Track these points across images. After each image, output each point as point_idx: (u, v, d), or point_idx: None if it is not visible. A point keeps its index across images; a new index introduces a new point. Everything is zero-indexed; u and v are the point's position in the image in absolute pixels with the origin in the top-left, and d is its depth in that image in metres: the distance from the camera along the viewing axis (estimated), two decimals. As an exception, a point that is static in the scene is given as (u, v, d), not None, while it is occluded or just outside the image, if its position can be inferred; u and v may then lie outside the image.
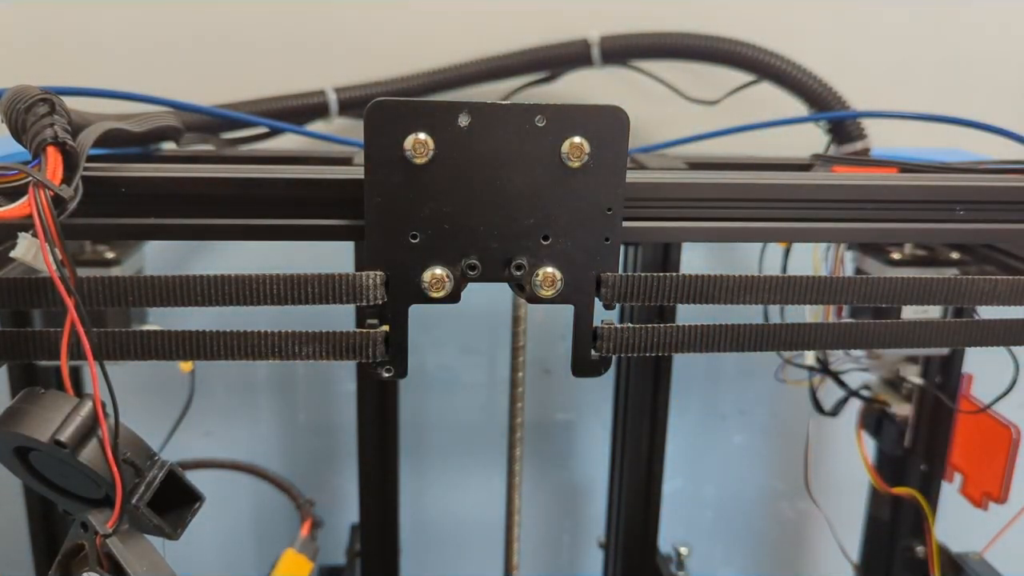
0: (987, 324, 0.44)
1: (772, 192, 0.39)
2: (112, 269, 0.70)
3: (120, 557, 0.39)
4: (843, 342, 0.42)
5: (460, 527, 1.10)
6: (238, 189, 0.38)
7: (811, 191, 0.40)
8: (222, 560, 1.07)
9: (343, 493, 1.03)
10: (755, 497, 1.14)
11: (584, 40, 0.84)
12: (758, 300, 0.39)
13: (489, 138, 0.34)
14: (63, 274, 0.34)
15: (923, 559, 0.87)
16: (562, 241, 0.36)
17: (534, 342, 0.73)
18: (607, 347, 0.38)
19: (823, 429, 1.02)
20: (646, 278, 0.38)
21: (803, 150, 0.81)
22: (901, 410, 0.86)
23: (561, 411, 1.08)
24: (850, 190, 0.40)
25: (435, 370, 1.04)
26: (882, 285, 0.41)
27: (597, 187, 0.35)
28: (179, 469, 0.40)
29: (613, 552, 0.90)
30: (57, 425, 0.37)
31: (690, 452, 1.11)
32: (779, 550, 1.17)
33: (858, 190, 0.40)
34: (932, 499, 0.86)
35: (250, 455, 0.91)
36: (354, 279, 0.36)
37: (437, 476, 1.08)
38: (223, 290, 0.36)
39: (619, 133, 0.35)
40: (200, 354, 0.37)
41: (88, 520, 0.39)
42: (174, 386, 0.85)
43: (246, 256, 0.93)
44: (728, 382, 1.09)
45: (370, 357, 0.37)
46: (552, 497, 1.11)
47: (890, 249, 0.77)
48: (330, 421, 1.04)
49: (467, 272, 0.36)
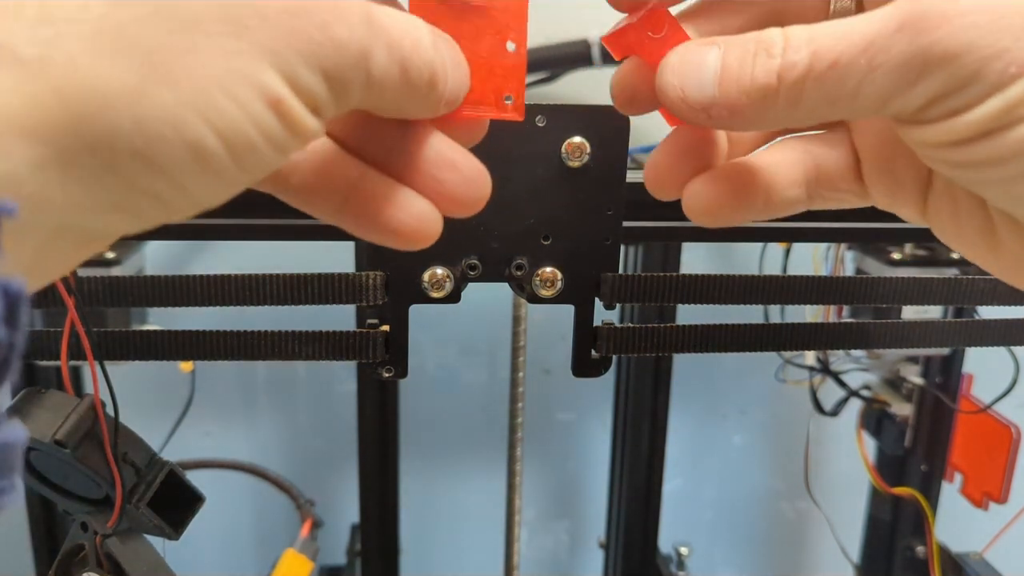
0: (987, 324, 0.44)
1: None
2: (112, 269, 0.70)
3: (120, 557, 0.39)
4: (843, 342, 0.42)
5: (460, 527, 1.10)
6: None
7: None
8: (222, 560, 1.07)
9: (343, 493, 1.03)
10: (755, 497, 1.14)
11: (584, 40, 0.84)
12: (758, 300, 0.39)
13: (489, 138, 0.34)
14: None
15: (923, 559, 0.87)
16: (562, 241, 0.36)
17: (534, 342, 0.73)
18: (607, 347, 0.38)
19: (823, 429, 1.02)
20: (646, 278, 0.38)
21: (803, 150, 0.81)
22: (901, 410, 0.86)
23: (561, 411, 1.08)
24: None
25: (435, 370, 1.04)
26: (882, 285, 0.41)
27: (597, 187, 0.35)
28: (179, 469, 0.40)
29: (613, 552, 0.90)
30: (57, 425, 0.37)
31: (690, 452, 1.11)
32: (779, 550, 1.17)
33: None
34: (932, 499, 0.86)
35: (250, 455, 0.91)
36: (354, 279, 0.36)
37: (437, 476, 1.08)
38: (223, 290, 0.36)
39: (619, 133, 0.35)
40: (200, 354, 0.37)
41: (88, 520, 0.39)
42: (174, 386, 0.85)
43: (246, 256, 0.93)
44: (728, 382, 1.09)
45: (370, 357, 0.37)
46: (552, 497, 1.11)
47: (890, 249, 0.77)
48: (330, 421, 1.04)
49: (467, 272, 0.36)
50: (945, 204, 0.28)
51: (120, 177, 0.19)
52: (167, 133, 0.18)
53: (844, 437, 0.97)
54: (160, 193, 0.20)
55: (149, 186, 0.19)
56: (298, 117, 0.21)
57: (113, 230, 0.21)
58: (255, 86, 0.19)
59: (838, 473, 1.05)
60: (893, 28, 0.22)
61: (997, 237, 0.26)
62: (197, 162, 0.19)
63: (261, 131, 0.20)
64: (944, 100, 0.22)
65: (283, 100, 0.20)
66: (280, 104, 0.20)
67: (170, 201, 0.20)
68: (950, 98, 0.22)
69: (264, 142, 0.20)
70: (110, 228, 0.21)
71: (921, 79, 0.22)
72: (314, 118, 0.21)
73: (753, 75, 0.23)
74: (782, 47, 0.23)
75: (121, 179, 0.19)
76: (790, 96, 0.23)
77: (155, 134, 0.18)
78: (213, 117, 0.19)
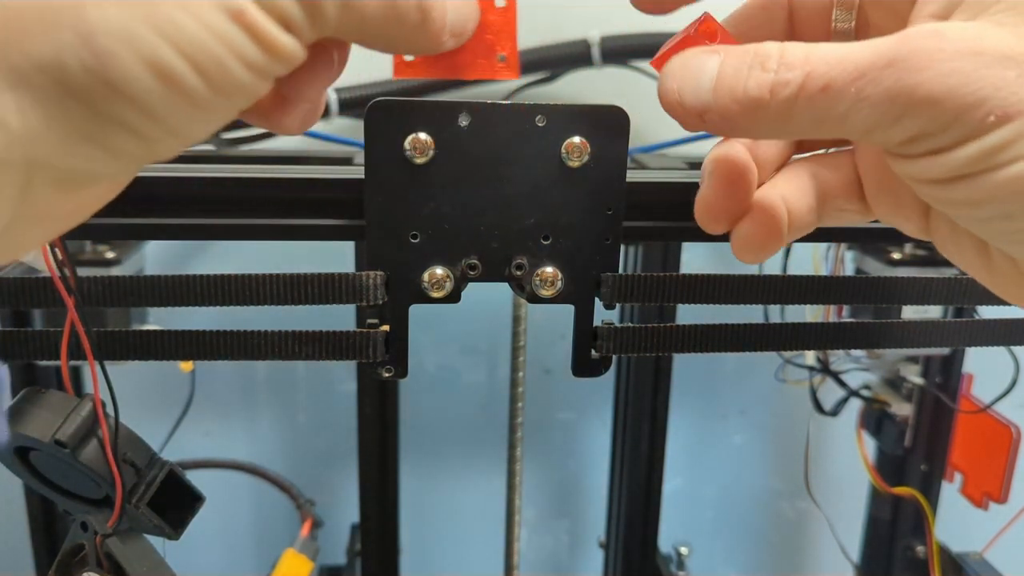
0: (987, 324, 0.44)
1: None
2: (112, 269, 0.71)
3: (120, 557, 0.39)
4: (843, 342, 0.42)
5: (460, 527, 1.10)
6: (238, 189, 0.38)
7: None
8: (222, 560, 1.07)
9: (343, 493, 1.03)
10: (755, 497, 1.14)
11: (584, 40, 0.84)
12: (758, 300, 0.39)
13: (489, 138, 0.34)
14: (63, 274, 0.34)
15: (923, 559, 0.87)
16: (562, 241, 0.36)
17: (534, 342, 0.73)
18: (607, 347, 0.38)
19: (823, 429, 1.02)
20: (646, 278, 0.38)
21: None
22: (901, 410, 0.86)
23: (561, 411, 1.08)
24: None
25: (435, 370, 1.04)
26: (882, 285, 0.41)
27: (597, 187, 0.35)
28: (179, 469, 0.40)
29: (613, 552, 0.90)
30: (57, 425, 0.37)
31: (690, 452, 1.11)
32: (779, 550, 1.17)
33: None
34: (932, 499, 0.86)
35: (250, 455, 0.91)
36: (354, 279, 0.36)
37: (437, 476, 1.08)
38: (223, 290, 0.36)
39: (619, 133, 0.35)
40: (200, 354, 0.37)
41: (88, 520, 0.40)
42: (174, 386, 0.85)
43: (246, 256, 0.93)
44: (728, 382, 1.09)
45: (370, 357, 0.37)
46: (552, 497, 1.11)
47: (890, 249, 0.77)
48: (330, 421, 1.04)
49: (467, 272, 0.36)
50: (943, 223, 0.29)
51: (80, 101, 0.18)
52: (118, 49, 0.18)
53: (844, 437, 0.97)
54: (130, 121, 0.19)
55: (116, 112, 0.19)
56: (269, 33, 0.20)
57: (92, 168, 0.20)
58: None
59: (838, 473, 1.05)
60: (884, 63, 0.22)
61: (991, 258, 0.27)
62: (162, 82, 0.19)
63: (229, 47, 0.19)
64: (924, 139, 0.23)
65: (245, 11, 0.19)
66: (243, 15, 0.19)
67: (145, 132, 0.20)
68: (930, 138, 0.23)
69: (234, 59, 0.19)
70: (87, 166, 0.20)
71: (904, 117, 0.22)
72: (289, 36, 0.21)
73: (746, 86, 0.24)
74: (777, 62, 0.24)
75: (82, 104, 0.18)
76: (780, 111, 0.24)
77: (104, 50, 0.18)
78: (169, 31, 0.18)
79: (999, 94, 0.21)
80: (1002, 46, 0.21)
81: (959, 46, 0.22)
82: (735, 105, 0.24)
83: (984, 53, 0.21)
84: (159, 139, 0.20)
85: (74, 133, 0.19)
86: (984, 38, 0.22)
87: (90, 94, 0.18)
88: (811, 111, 0.23)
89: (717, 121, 0.25)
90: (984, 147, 0.22)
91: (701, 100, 0.25)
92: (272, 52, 0.20)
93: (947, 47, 0.22)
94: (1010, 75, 0.21)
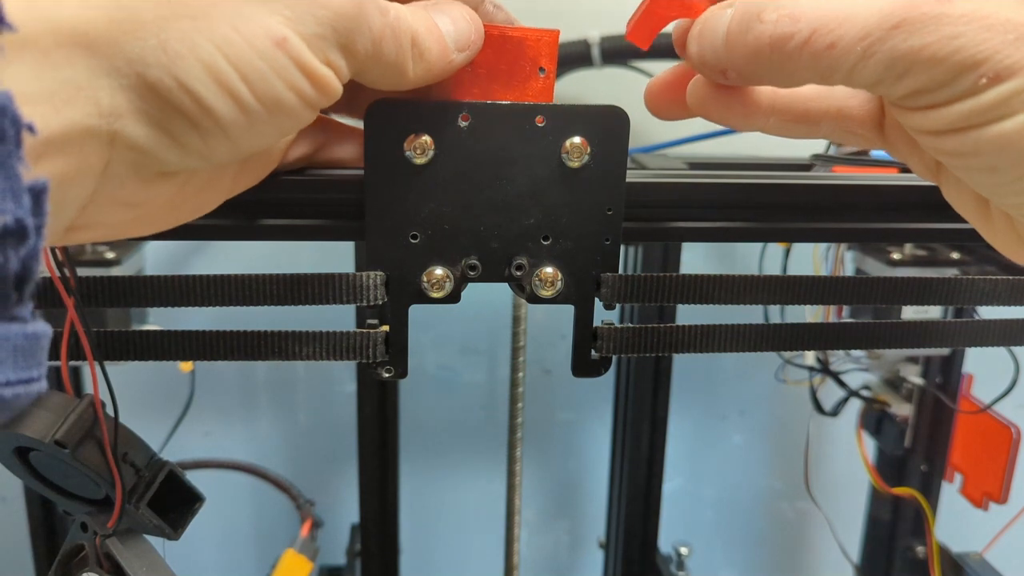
0: (987, 324, 0.44)
1: (772, 192, 0.39)
2: (112, 269, 0.71)
3: (120, 557, 0.39)
4: (843, 342, 0.42)
5: (460, 527, 1.10)
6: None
7: (811, 191, 0.40)
8: (222, 560, 1.07)
9: (343, 493, 1.03)
10: (755, 497, 1.14)
11: (584, 40, 0.84)
12: (758, 300, 0.39)
13: (489, 138, 0.34)
14: (63, 274, 0.34)
15: (923, 559, 0.87)
16: (562, 241, 0.36)
17: (534, 342, 0.73)
18: (607, 347, 0.38)
19: (823, 429, 1.02)
20: (646, 278, 0.37)
21: (803, 150, 0.81)
22: (901, 410, 0.86)
23: (561, 411, 1.08)
24: (850, 190, 0.40)
25: (435, 370, 1.04)
26: (882, 285, 0.41)
27: (597, 187, 0.35)
28: (179, 469, 0.40)
29: (613, 552, 0.90)
30: (57, 425, 0.37)
31: (690, 452, 1.11)
32: (779, 550, 1.17)
33: (858, 190, 0.40)
34: (932, 499, 0.87)
35: (250, 455, 0.92)
36: (354, 279, 0.36)
37: (437, 476, 1.08)
38: (223, 290, 0.36)
39: (619, 133, 0.35)
40: (200, 354, 0.37)
41: (88, 520, 0.39)
42: (174, 386, 0.85)
43: (246, 256, 0.93)
44: (728, 382, 1.09)
45: (370, 357, 0.37)
46: (552, 497, 1.11)
47: (890, 249, 0.77)
48: (330, 421, 1.04)
49: (467, 272, 0.36)
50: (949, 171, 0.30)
51: (154, 91, 0.23)
52: (185, 53, 0.23)
53: (844, 437, 0.97)
54: (191, 112, 0.24)
55: (180, 103, 0.23)
56: (309, 63, 0.25)
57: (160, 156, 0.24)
58: (260, 25, 0.24)
59: (838, 473, 1.05)
60: (891, 24, 0.24)
61: (989, 209, 0.29)
62: (216, 83, 0.23)
63: (271, 65, 0.24)
64: (924, 95, 0.25)
65: (287, 39, 0.24)
66: (285, 43, 0.24)
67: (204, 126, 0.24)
68: (929, 94, 0.25)
69: (275, 76, 0.24)
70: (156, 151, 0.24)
71: (908, 74, 0.24)
72: (328, 69, 0.25)
73: (746, 40, 0.26)
74: (775, 14, 0.26)
75: (155, 94, 0.23)
76: (787, 64, 0.26)
77: (174, 52, 0.23)
78: (223, 45, 0.23)
79: (996, 56, 0.23)
80: (1004, 11, 0.23)
81: (965, 9, 0.23)
82: (740, 59, 0.27)
83: (987, 18, 0.23)
84: (214, 134, 0.24)
85: (146, 116, 0.23)
86: (988, 3, 0.23)
87: (162, 86, 0.23)
88: (818, 65, 0.25)
89: (734, 75, 0.28)
90: (979, 104, 0.24)
91: (719, 57, 0.27)
92: (311, 77, 0.25)
93: (953, 12, 0.23)
94: (1008, 38, 0.23)
